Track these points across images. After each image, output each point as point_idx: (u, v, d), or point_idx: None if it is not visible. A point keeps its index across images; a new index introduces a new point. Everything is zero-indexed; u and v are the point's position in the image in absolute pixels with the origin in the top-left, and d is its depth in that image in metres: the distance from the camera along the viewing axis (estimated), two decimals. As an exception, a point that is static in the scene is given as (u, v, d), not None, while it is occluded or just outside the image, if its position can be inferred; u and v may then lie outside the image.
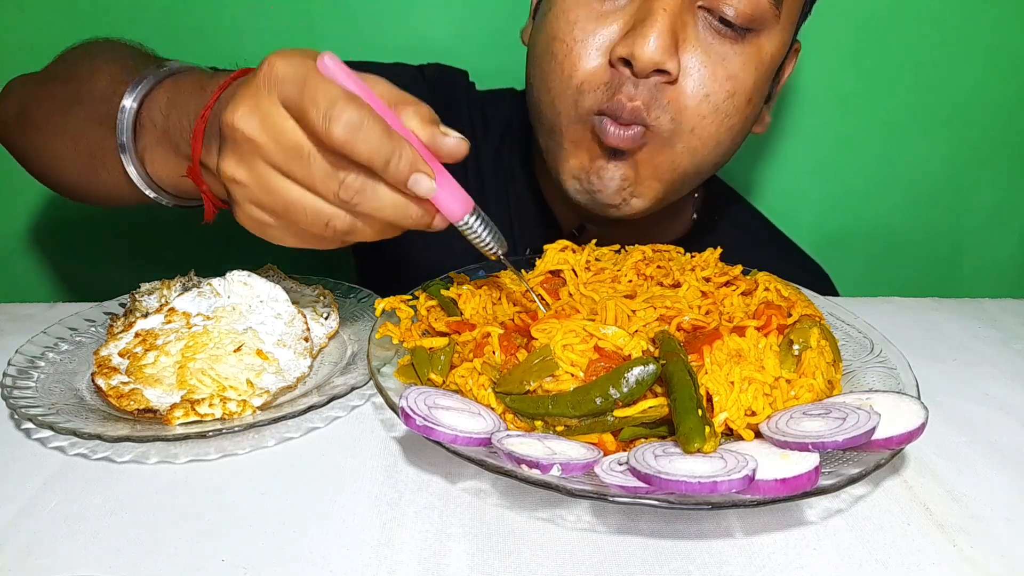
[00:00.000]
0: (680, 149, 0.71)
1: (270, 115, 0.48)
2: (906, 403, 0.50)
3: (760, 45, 0.70)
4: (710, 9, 0.68)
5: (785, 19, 0.71)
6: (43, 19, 1.09)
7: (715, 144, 0.72)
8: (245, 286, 0.67)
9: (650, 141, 0.71)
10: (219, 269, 0.70)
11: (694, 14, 0.68)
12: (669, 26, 0.66)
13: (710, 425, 0.46)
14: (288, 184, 0.50)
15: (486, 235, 0.55)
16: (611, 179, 0.73)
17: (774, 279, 0.64)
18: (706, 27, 0.69)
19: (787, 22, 0.72)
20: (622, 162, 0.72)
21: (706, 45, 0.69)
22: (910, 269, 1.33)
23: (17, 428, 0.57)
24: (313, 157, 0.48)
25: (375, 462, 0.54)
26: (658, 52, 0.65)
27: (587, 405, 0.50)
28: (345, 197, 0.49)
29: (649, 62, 0.65)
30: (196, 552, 0.45)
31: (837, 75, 1.17)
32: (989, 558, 0.46)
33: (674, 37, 0.66)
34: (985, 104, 1.20)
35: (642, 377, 0.49)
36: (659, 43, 0.65)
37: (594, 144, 0.72)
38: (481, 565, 0.44)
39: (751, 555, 0.45)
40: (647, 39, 0.65)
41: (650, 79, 0.68)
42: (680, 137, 0.70)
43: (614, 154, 0.72)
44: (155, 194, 0.66)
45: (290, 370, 0.62)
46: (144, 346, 0.62)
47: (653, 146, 0.71)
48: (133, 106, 0.62)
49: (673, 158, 0.72)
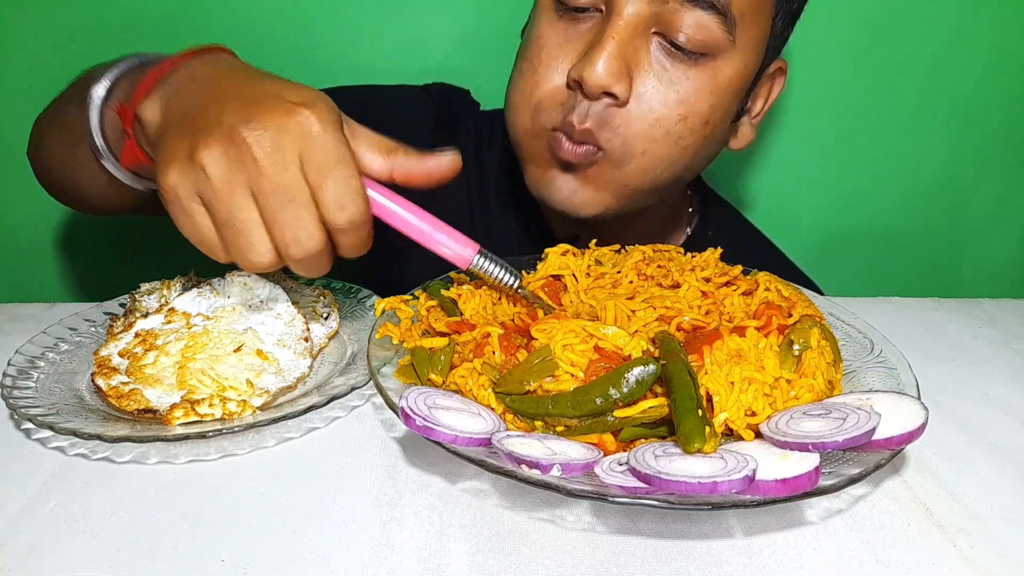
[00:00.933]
0: (630, 170, 0.74)
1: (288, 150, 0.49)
2: (906, 403, 0.50)
3: (716, 68, 0.72)
4: (664, 35, 0.70)
5: (744, 43, 0.72)
6: (43, 19, 1.09)
7: (668, 164, 0.74)
8: (245, 286, 0.67)
9: (600, 160, 0.73)
10: (219, 269, 0.70)
11: (648, 39, 0.70)
12: (617, 51, 0.68)
13: (710, 425, 0.46)
14: (250, 206, 0.50)
15: (498, 271, 0.59)
16: (559, 189, 0.76)
17: (775, 279, 0.64)
18: (660, 51, 0.71)
19: (747, 45, 0.73)
20: (572, 175, 0.76)
21: (659, 70, 0.71)
22: (910, 269, 1.33)
23: (17, 428, 0.57)
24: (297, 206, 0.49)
25: (375, 462, 0.54)
26: (605, 76, 0.68)
27: (587, 405, 0.50)
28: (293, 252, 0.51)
29: (596, 85, 0.68)
30: (196, 552, 0.45)
31: (837, 75, 1.17)
32: (989, 558, 0.46)
33: (624, 62, 0.69)
34: (985, 104, 1.20)
35: (642, 377, 0.49)
36: (606, 67, 0.68)
37: (548, 156, 0.76)
38: (481, 565, 0.44)
39: (751, 555, 0.45)
40: (595, 64, 0.68)
41: (600, 101, 0.70)
42: (631, 159, 0.73)
43: (566, 167, 0.75)
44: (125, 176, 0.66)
45: (290, 370, 0.62)
46: (144, 346, 0.62)
47: (603, 165, 0.74)
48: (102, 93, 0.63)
49: (622, 177, 0.75)
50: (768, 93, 0.83)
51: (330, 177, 0.49)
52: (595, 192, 0.76)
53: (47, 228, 1.23)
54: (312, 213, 0.50)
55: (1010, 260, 1.33)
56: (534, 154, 0.77)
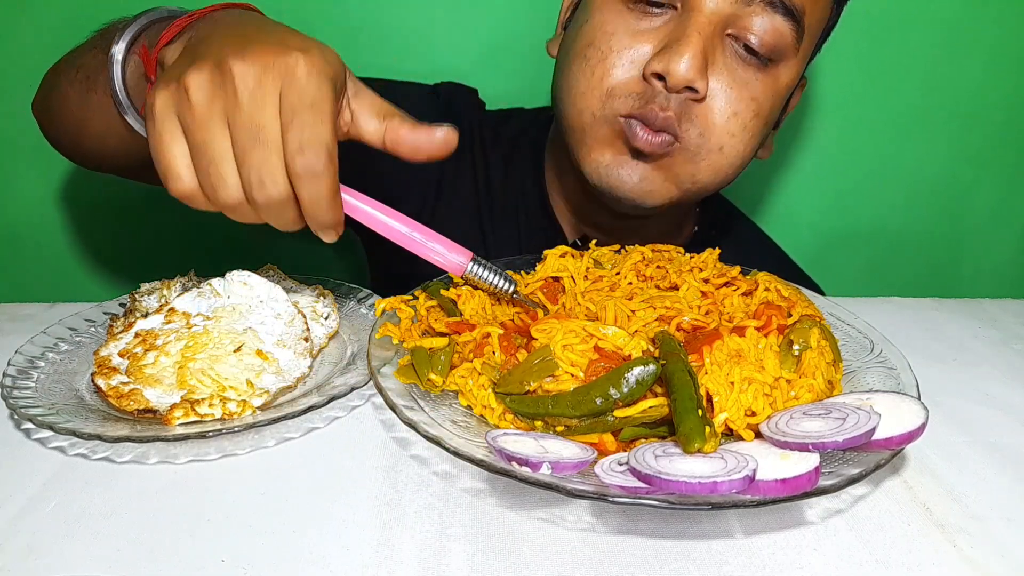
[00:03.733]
0: (704, 165, 0.76)
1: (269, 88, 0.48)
2: (906, 403, 0.50)
3: (778, 75, 0.75)
4: (737, 37, 0.72)
5: (802, 52, 0.75)
6: (43, 19, 1.09)
7: (740, 162, 0.77)
8: (245, 286, 0.67)
9: (676, 152, 0.74)
10: (219, 269, 0.70)
11: (723, 40, 0.72)
12: (702, 48, 0.70)
13: (710, 425, 0.46)
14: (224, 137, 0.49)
15: (492, 277, 0.60)
16: (630, 176, 0.76)
17: (774, 279, 0.64)
18: (732, 54, 0.73)
19: (803, 55, 0.76)
20: (644, 163, 0.76)
21: (731, 70, 0.73)
22: (910, 269, 1.33)
23: (17, 428, 0.57)
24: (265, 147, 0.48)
25: (375, 462, 0.54)
26: (691, 71, 0.69)
27: (587, 405, 0.50)
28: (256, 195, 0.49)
29: (682, 79, 0.69)
30: (196, 552, 0.45)
31: (838, 75, 1.17)
32: (989, 558, 0.46)
33: (705, 58, 0.70)
34: (985, 104, 1.20)
35: (642, 377, 0.49)
36: (692, 63, 0.69)
37: (619, 143, 0.76)
38: (481, 565, 0.44)
39: (751, 555, 0.45)
40: (682, 57, 0.69)
41: (680, 95, 0.72)
42: (707, 154, 0.75)
43: (638, 155, 0.75)
44: None
45: (290, 370, 0.62)
46: (144, 346, 0.62)
47: (678, 157, 0.75)
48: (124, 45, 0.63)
49: (695, 171, 0.76)
50: (789, 103, 0.85)
51: (297, 119, 0.48)
52: (664, 182, 0.77)
53: (47, 228, 1.22)
54: (279, 157, 0.49)
55: (1010, 260, 1.33)
56: (600, 139, 0.77)
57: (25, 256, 1.24)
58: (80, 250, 1.25)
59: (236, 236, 1.23)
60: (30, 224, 1.22)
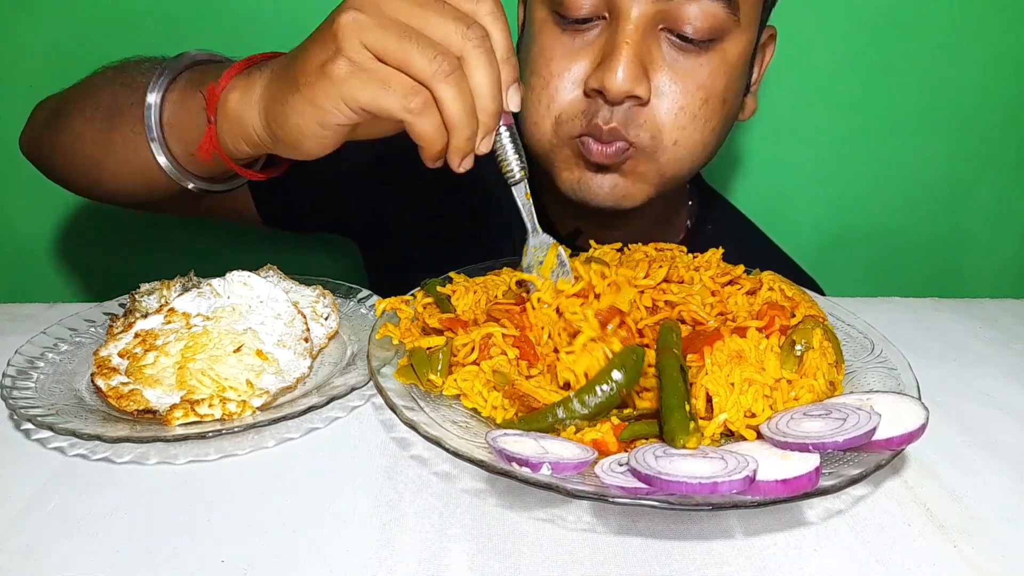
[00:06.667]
0: (664, 161, 0.76)
1: None
2: (906, 404, 0.50)
3: (724, 51, 0.74)
4: (670, 30, 0.71)
5: (745, 20, 0.74)
6: (43, 19, 1.09)
7: (701, 147, 0.77)
8: (245, 286, 0.67)
9: (633, 156, 0.75)
10: (219, 269, 0.70)
11: (657, 37, 0.72)
12: (634, 56, 0.70)
13: (695, 421, 0.47)
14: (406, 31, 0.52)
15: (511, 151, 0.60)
16: (600, 187, 0.78)
17: (778, 279, 0.64)
18: (670, 46, 0.72)
19: (748, 21, 0.75)
20: (609, 174, 0.77)
21: (672, 63, 0.73)
22: (910, 269, 1.33)
23: (17, 428, 0.57)
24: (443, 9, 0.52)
25: (375, 462, 0.54)
26: (626, 82, 0.70)
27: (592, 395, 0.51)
28: (442, 67, 0.52)
29: (619, 91, 0.70)
30: (196, 552, 0.45)
31: (837, 75, 1.17)
32: (989, 559, 0.46)
33: (640, 64, 0.71)
34: (985, 104, 1.20)
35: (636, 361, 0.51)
36: (626, 73, 0.69)
37: (581, 161, 0.77)
38: (481, 565, 0.44)
39: (751, 556, 0.45)
40: (615, 71, 0.69)
41: (623, 104, 0.72)
42: (664, 150, 0.75)
43: (600, 168, 0.77)
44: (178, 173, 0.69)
45: (290, 370, 0.62)
46: (144, 346, 0.62)
47: (637, 159, 0.75)
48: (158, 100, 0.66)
49: (658, 168, 0.77)
50: (763, 60, 0.85)
51: None
52: (634, 184, 0.78)
53: (47, 228, 1.23)
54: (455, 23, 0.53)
55: (1010, 260, 1.33)
56: (563, 160, 0.78)
57: (25, 256, 1.24)
58: (80, 250, 1.25)
59: (236, 236, 1.23)
60: (30, 224, 1.22)
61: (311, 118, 0.56)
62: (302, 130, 0.57)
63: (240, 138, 0.63)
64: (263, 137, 0.62)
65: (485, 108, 0.55)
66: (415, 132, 0.55)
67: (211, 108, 0.62)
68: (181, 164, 0.69)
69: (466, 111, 0.54)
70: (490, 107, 0.55)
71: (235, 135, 0.63)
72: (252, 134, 0.62)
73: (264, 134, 0.61)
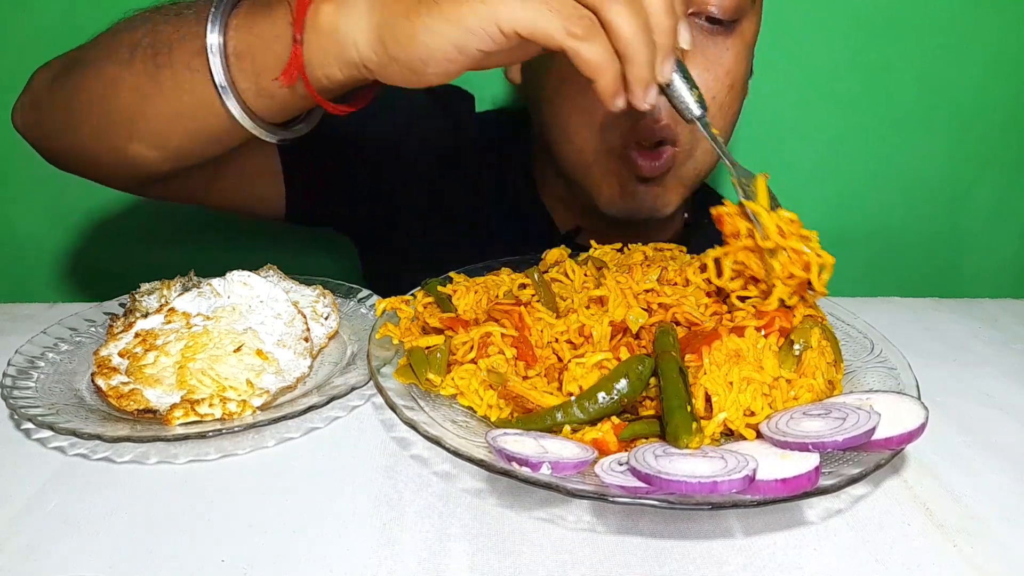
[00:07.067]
0: (699, 155, 0.76)
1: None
2: (906, 403, 0.50)
3: (742, 31, 0.74)
4: (697, 13, 0.70)
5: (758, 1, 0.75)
6: (43, 18, 1.09)
7: (725, 136, 0.77)
8: (245, 286, 0.67)
9: (676, 158, 0.74)
10: (219, 269, 0.70)
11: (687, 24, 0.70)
12: None
13: (696, 421, 0.47)
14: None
15: (683, 84, 0.55)
16: (644, 200, 0.77)
17: None
18: (698, 31, 0.71)
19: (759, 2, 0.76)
20: (653, 185, 0.76)
21: (702, 49, 0.72)
22: (910, 269, 1.33)
23: (17, 428, 0.57)
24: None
25: (375, 462, 0.54)
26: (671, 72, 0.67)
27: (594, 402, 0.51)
28: None
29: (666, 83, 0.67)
30: (196, 552, 0.45)
31: (837, 74, 1.17)
32: (989, 558, 0.46)
33: None
34: (985, 104, 1.20)
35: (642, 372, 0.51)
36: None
37: (624, 172, 0.76)
38: (481, 565, 0.44)
39: (751, 555, 0.45)
40: None
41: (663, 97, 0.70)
42: (697, 145, 0.75)
43: (644, 180, 0.76)
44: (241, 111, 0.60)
45: (290, 370, 0.62)
46: (144, 346, 0.62)
47: (679, 160, 0.75)
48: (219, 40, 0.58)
49: (694, 166, 0.77)
50: None
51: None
52: (674, 190, 0.78)
53: (47, 228, 1.22)
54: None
55: (1010, 260, 1.33)
56: (606, 173, 0.76)
57: (25, 256, 1.24)
58: (80, 250, 1.25)
59: (236, 236, 1.23)
60: (30, 224, 1.22)
61: (449, 39, 0.49)
62: (432, 52, 0.50)
63: (334, 59, 0.55)
64: (368, 57, 0.54)
65: (660, 24, 0.49)
66: (581, 59, 0.49)
67: (298, 24, 0.54)
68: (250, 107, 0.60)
69: (642, 30, 0.48)
70: (665, 23, 0.49)
71: (328, 55, 0.55)
72: (352, 53, 0.54)
73: (372, 54, 0.53)
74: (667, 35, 0.50)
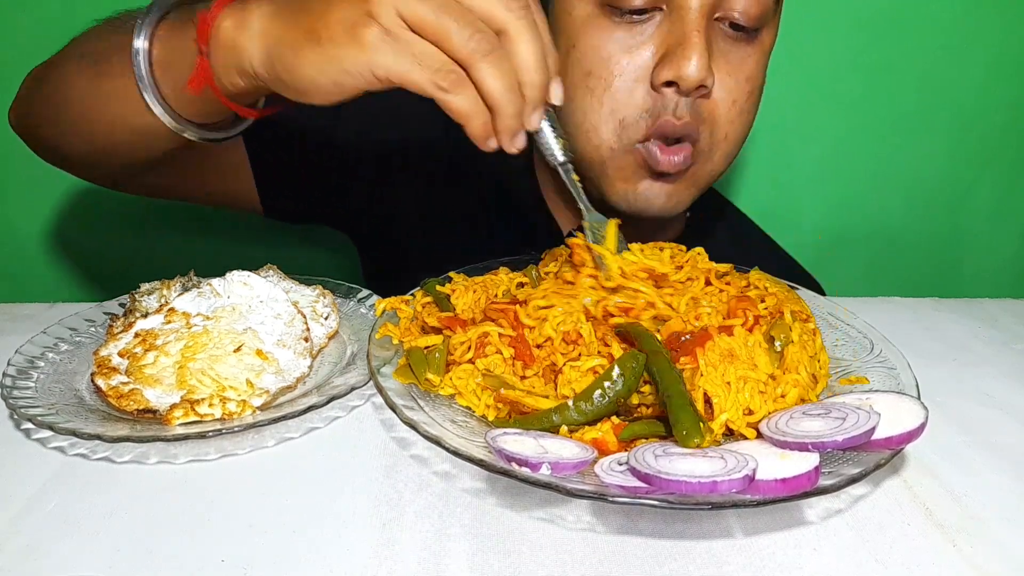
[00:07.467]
0: (717, 157, 0.76)
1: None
2: (906, 403, 0.50)
3: (763, 40, 0.74)
4: (722, 18, 0.71)
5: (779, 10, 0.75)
6: (43, 18, 1.09)
7: (741, 142, 0.77)
8: (245, 286, 0.67)
9: (694, 157, 0.74)
10: (219, 269, 0.70)
11: (713, 27, 0.71)
12: (705, 44, 0.68)
13: (703, 421, 0.47)
14: None
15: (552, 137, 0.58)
16: (658, 197, 0.77)
17: (765, 277, 0.64)
18: (723, 38, 0.72)
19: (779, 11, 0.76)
20: (668, 182, 0.76)
21: (726, 55, 0.72)
22: (910, 269, 1.33)
23: (17, 428, 0.57)
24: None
25: (375, 462, 0.54)
26: (702, 71, 0.68)
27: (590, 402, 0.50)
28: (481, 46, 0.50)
29: (696, 81, 0.68)
30: (196, 552, 0.45)
31: (838, 75, 1.17)
32: (989, 558, 0.46)
33: (708, 53, 0.69)
34: (986, 104, 1.20)
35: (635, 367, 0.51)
36: (701, 62, 0.68)
37: (640, 169, 0.75)
38: (481, 565, 0.44)
39: (751, 555, 0.45)
40: (691, 60, 0.67)
41: (690, 97, 0.71)
42: (717, 146, 0.75)
43: (661, 176, 0.75)
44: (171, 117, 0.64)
45: (290, 370, 0.62)
46: (144, 346, 0.62)
47: (697, 161, 0.75)
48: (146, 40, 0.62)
49: (711, 167, 0.76)
50: None
51: None
52: (686, 190, 0.77)
53: (47, 228, 1.23)
54: None
55: (1010, 260, 1.33)
56: (622, 169, 0.76)
57: (25, 256, 1.24)
58: (80, 250, 1.25)
59: (236, 236, 1.23)
60: (30, 224, 1.22)
61: (329, 76, 0.53)
62: (316, 83, 0.54)
63: (234, 70, 0.59)
64: (261, 74, 0.58)
65: (532, 82, 0.52)
66: (449, 108, 0.52)
67: (202, 38, 0.58)
68: (174, 109, 0.64)
69: (509, 88, 0.51)
70: (537, 79, 0.52)
71: (229, 66, 0.59)
72: (248, 67, 0.58)
73: (264, 72, 0.57)
74: (537, 90, 0.53)
